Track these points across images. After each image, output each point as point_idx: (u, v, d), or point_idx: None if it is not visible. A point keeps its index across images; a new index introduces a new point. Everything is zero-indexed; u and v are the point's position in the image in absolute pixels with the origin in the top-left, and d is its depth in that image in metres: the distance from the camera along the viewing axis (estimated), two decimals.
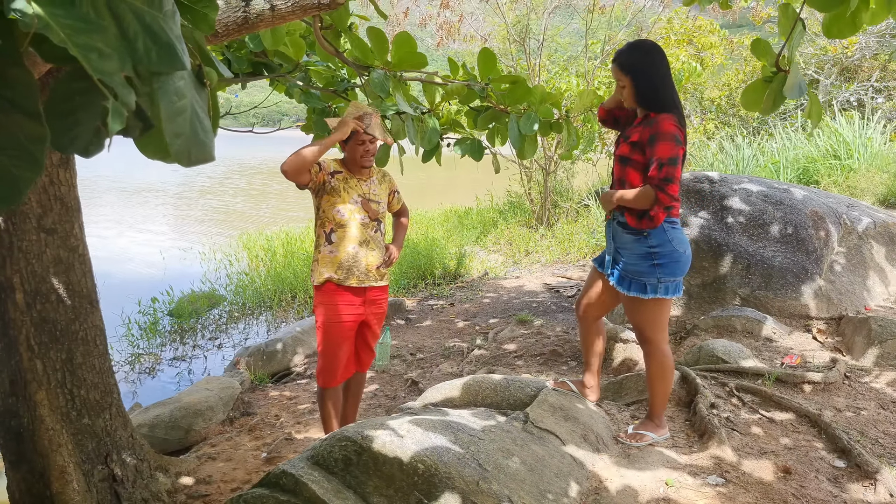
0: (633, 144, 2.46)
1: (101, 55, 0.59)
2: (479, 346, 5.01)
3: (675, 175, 2.33)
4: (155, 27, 0.66)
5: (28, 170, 0.62)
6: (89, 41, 0.58)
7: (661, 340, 2.57)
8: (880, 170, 7.93)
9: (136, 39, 0.64)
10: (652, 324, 2.55)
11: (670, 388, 2.67)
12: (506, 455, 2.22)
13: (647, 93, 2.45)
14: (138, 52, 0.64)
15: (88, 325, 2.68)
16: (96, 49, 0.58)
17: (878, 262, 4.62)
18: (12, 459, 2.55)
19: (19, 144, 0.62)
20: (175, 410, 3.75)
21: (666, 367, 2.59)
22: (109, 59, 0.59)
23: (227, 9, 1.84)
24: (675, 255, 2.45)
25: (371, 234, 2.99)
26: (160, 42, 0.66)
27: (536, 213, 10.32)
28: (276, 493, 2.06)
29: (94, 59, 0.58)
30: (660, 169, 2.33)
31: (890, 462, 2.51)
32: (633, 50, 2.48)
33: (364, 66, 2.62)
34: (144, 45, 0.65)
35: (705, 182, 4.67)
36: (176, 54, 0.67)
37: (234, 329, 6.76)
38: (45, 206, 2.52)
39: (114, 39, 0.62)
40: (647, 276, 2.47)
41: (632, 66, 2.45)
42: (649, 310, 2.52)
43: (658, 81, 2.44)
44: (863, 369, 3.41)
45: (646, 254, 2.46)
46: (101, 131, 0.70)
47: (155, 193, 17.84)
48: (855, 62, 12.59)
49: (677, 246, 2.45)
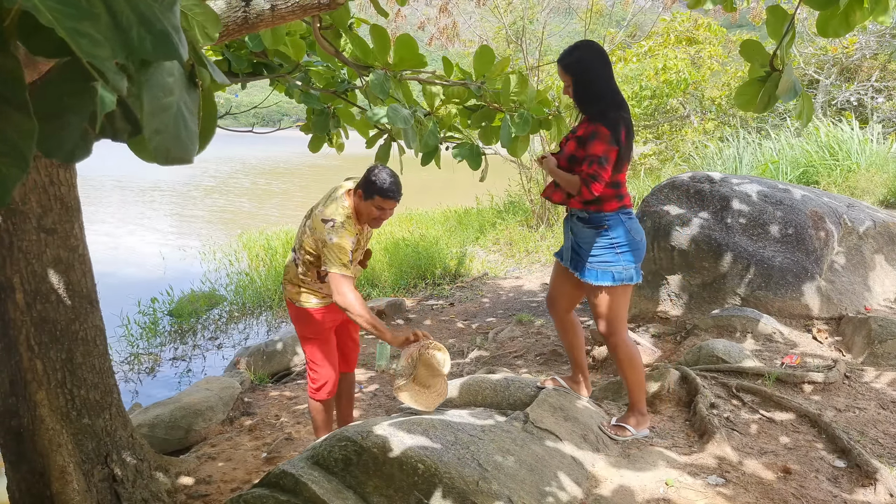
0: (578, 139, 2.54)
1: (93, 41, 0.56)
2: (479, 346, 5.01)
3: (601, 174, 2.43)
4: (149, 15, 0.63)
5: (16, 166, 0.58)
6: (79, 26, 0.56)
7: (622, 330, 2.66)
8: (880, 170, 7.93)
9: (130, 28, 0.61)
10: (616, 313, 2.62)
11: (643, 375, 2.72)
12: (505, 455, 2.22)
13: (583, 93, 2.54)
14: (132, 42, 0.61)
15: (88, 325, 2.68)
16: (87, 34, 0.56)
17: (878, 262, 4.62)
18: (12, 459, 2.55)
19: (6, 138, 0.58)
20: (175, 410, 3.75)
21: (632, 355, 2.66)
22: (101, 46, 0.57)
23: (227, 9, 1.84)
24: (633, 244, 2.57)
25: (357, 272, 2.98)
26: (154, 31, 0.63)
27: (536, 212, 10.32)
28: (276, 493, 2.06)
29: (84, 44, 0.55)
30: (590, 165, 2.44)
31: (890, 462, 2.51)
32: (573, 50, 2.57)
33: (364, 65, 2.62)
34: (138, 34, 0.62)
35: (705, 182, 4.67)
36: (171, 43, 0.64)
37: (233, 329, 6.76)
38: (45, 206, 2.51)
39: (105, 28, 0.59)
40: (614, 264, 2.56)
41: (569, 67, 2.54)
42: (615, 298, 2.60)
43: (595, 82, 2.53)
44: (863, 369, 3.41)
45: (608, 245, 2.56)
46: (88, 134, 0.68)
47: (161, 193, 17.85)
48: (855, 62, 12.60)
49: (634, 235, 2.58)
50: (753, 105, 1.73)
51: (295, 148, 29.91)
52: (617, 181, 2.53)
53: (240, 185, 21.13)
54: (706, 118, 13.18)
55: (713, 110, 13.31)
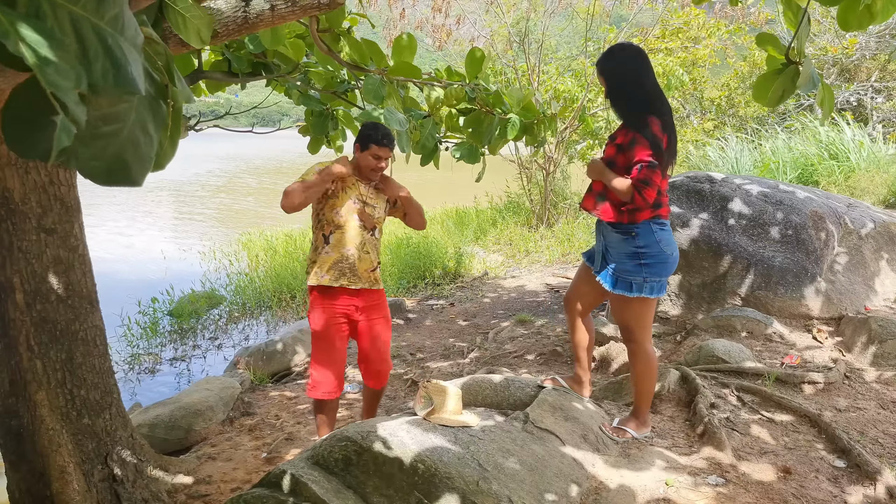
0: (617, 147, 2.48)
1: (58, 70, 0.57)
2: (479, 346, 5.01)
3: (653, 179, 2.35)
4: (116, 50, 0.65)
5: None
6: (48, 55, 0.57)
7: (644, 339, 2.61)
8: (880, 170, 7.93)
9: (96, 60, 0.63)
10: (636, 322, 2.58)
11: (654, 387, 2.71)
12: (506, 455, 2.22)
13: (619, 97, 2.49)
14: (95, 73, 0.63)
15: (88, 325, 2.68)
16: (53, 63, 0.57)
17: (878, 262, 4.62)
18: (12, 459, 2.55)
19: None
20: (175, 410, 3.75)
21: (650, 365, 2.63)
22: (65, 76, 0.58)
23: (227, 9, 1.84)
24: (661, 256, 2.48)
25: (367, 237, 3.02)
26: (119, 65, 0.65)
27: (536, 213, 10.32)
28: (276, 493, 2.06)
29: (49, 73, 0.56)
30: (640, 171, 2.36)
31: (890, 462, 2.51)
32: (608, 54, 2.52)
33: (360, 68, 2.63)
34: (103, 66, 0.63)
35: (705, 182, 4.67)
36: (132, 80, 0.66)
37: (233, 329, 6.76)
38: (45, 206, 2.52)
39: (73, 57, 0.60)
40: (634, 274, 2.50)
41: (605, 71, 2.50)
42: (634, 308, 2.55)
43: (630, 86, 2.47)
44: (863, 369, 3.41)
45: (633, 253, 2.49)
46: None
47: (168, 192, 17.85)
48: (854, 62, 12.59)
49: (664, 247, 2.48)
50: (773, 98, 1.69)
51: (294, 146, 29.90)
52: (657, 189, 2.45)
53: (246, 184, 21.13)
54: (706, 118, 13.18)
55: (713, 110, 13.31)
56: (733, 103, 13.00)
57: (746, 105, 12.70)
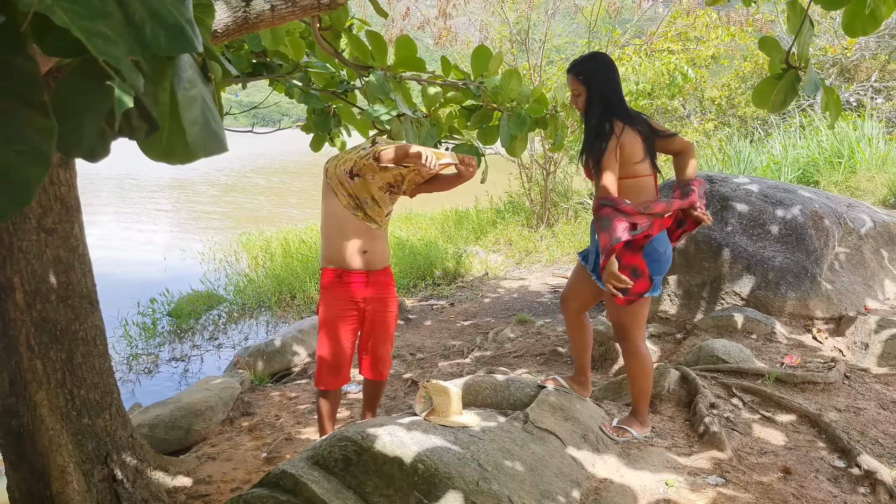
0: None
1: (107, 39, 0.57)
2: (479, 346, 5.01)
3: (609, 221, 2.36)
4: (161, 10, 0.64)
5: (37, 166, 0.60)
6: (93, 26, 0.56)
7: (638, 338, 2.61)
8: (880, 170, 7.93)
9: (143, 25, 0.62)
10: (630, 321, 2.59)
11: (651, 385, 2.71)
12: (506, 455, 2.21)
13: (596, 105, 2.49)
14: (146, 38, 0.62)
15: (88, 325, 2.68)
16: (101, 33, 0.57)
17: (878, 262, 4.62)
18: (12, 459, 2.55)
19: (27, 139, 0.59)
20: (175, 411, 3.74)
21: (644, 364, 2.63)
22: (115, 44, 0.58)
23: (227, 9, 1.84)
24: (655, 255, 2.49)
25: (374, 231, 2.98)
26: (167, 25, 0.64)
27: (536, 213, 10.32)
28: (276, 493, 2.06)
29: (99, 43, 0.56)
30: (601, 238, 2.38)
31: (890, 462, 2.51)
32: (587, 60, 2.53)
33: (364, 66, 2.62)
34: (152, 29, 0.63)
35: (705, 182, 4.67)
36: (186, 36, 0.65)
37: (233, 329, 6.76)
38: (45, 206, 2.51)
39: (118, 25, 0.60)
40: None
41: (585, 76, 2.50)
42: (628, 307, 2.56)
43: (610, 93, 2.49)
44: (863, 369, 3.41)
45: None
46: (105, 133, 0.69)
47: (168, 192, 17.84)
48: (854, 62, 12.59)
49: (658, 246, 2.49)
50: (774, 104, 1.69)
51: (295, 147, 29.92)
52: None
53: (254, 183, 21.12)
54: (706, 118, 13.17)
55: (713, 110, 13.30)
56: (734, 103, 12.99)
57: (747, 105, 12.70)
